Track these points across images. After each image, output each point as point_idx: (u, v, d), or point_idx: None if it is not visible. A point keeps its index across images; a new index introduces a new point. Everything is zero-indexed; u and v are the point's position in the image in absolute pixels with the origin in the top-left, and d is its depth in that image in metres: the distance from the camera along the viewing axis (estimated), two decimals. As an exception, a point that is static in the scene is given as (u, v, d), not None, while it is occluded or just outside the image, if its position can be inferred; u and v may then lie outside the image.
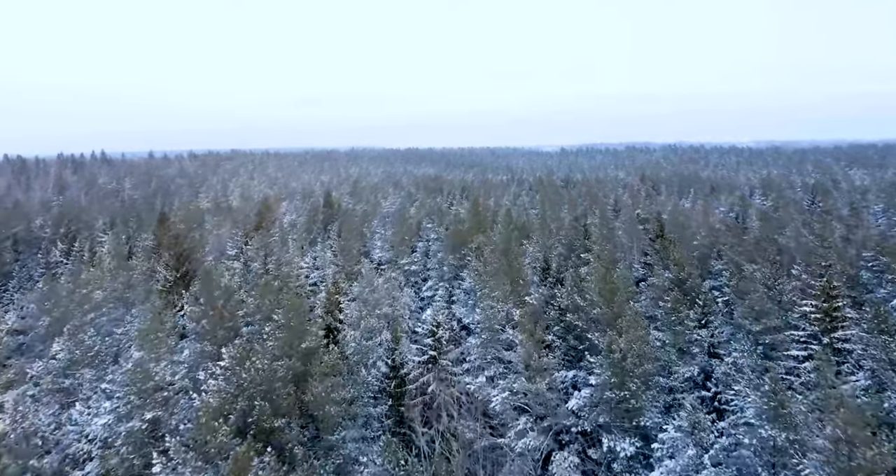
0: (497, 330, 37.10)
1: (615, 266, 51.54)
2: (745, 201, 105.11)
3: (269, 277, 47.57)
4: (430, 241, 67.73)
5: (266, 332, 30.08)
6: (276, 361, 28.33)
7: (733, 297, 48.32)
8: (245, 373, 25.51)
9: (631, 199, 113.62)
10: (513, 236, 67.07)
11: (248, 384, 25.33)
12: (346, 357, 33.81)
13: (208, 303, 36.66)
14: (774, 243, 66.42)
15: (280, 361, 28.31)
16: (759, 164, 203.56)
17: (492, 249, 42.53)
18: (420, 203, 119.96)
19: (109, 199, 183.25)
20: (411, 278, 60.27)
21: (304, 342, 29.25)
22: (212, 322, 33.50)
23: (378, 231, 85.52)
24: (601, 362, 30.17)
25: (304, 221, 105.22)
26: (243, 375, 25.48)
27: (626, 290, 36.11)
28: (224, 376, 26.08)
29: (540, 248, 55.22)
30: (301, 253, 70.86)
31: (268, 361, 26.87)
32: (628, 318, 31.61)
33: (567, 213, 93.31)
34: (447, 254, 55.70)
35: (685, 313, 38.12)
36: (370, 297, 45.96)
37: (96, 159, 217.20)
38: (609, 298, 34.56)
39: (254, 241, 69.18)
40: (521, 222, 69.91)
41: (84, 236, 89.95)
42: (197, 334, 35.14)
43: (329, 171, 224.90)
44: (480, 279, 41.74)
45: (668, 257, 48.47)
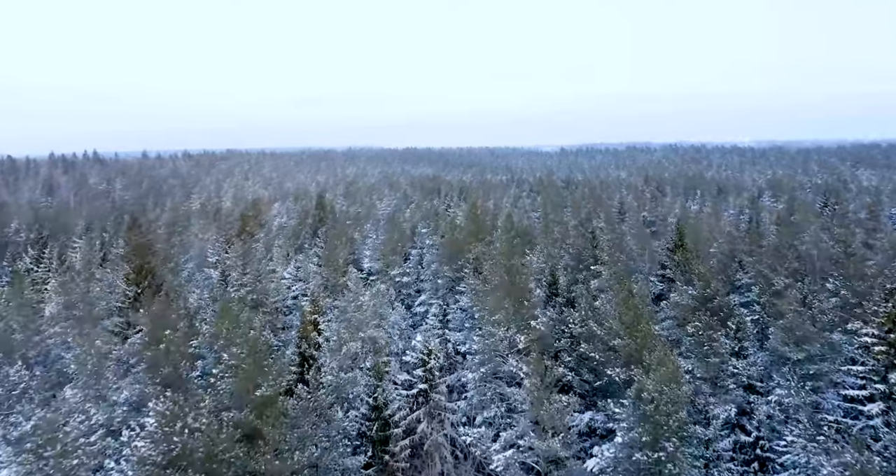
0: (498, 361, 31.20)
1: (629, 279, 45.68)
2: (756, 204, 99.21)
3: (233, 296, 41.57)
4: (425, 249, 61.86)
5: (216, 373, 24.18)
6: (223, 412, 22.44)
7: (764, 316, 42.56)
8: (178, 436, 19.63)
9: (636, 201, 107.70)
10: (514, 244, 61.19)
11: (181, 451, 19.45)
12: (317, 396, 27.89)
13: (156, 329, 30.72)
14: (793, 250, 60.67)
15: (229, 412, 22.42)
16: (764, 164, 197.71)
17: (492, 264, 36.62)
18: (416, 205, 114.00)
19: (99, 199, 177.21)
20: (403, 290, 54.35)
21: (262, 387, 23.33)
22: (157, 355, 27.59)
23: (371, 235, 79.54)
24: (627, 412, 24.29)
25: (294, 225, 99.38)
26: (175, 439, 19.59)
27: (646, 310, 30.22)
28: (152, 438, 20.19)
29: (545, 259, 49.33)
30: (285, 261, 64.93)
31: (210, 417, 20.95)
32: (657, 355, 25.71)
33: (570, 217, 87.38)
34: (442, 264, 49.82)
35: (716, 338, 32.30)
36: (354, 316, 40.05)
37: (88, 159, 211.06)
38: (631, 326, 28.67)
39: (233, 247, 63.23)
40: (523, 227, 64.05)
41: (59, 242, 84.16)
42: (140, 370, 29.26)
43: (325, 171, 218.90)
44: (479, 299, 35.82)
45: (689, 270, 42.65)
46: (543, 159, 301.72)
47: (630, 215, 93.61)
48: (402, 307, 52.40)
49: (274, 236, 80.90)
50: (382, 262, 54.68)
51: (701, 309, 39.24)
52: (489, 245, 55.37)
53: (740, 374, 31.50)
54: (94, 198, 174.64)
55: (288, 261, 64.58)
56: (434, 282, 50.00)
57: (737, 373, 31.38)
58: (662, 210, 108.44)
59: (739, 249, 62.71)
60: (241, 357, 23.68)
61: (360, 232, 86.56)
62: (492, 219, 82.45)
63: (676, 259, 43.87)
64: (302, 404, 24.50)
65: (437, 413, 33.44)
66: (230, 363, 23.81)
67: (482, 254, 47.63)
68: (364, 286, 55.05)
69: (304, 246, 68.19)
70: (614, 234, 72.72)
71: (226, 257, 63.20)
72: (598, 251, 54.21)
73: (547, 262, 49.33)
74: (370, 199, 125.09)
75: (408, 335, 45.59)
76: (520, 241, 61.34)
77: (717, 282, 39.18)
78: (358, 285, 46.99)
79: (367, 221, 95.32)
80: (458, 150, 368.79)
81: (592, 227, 75.39)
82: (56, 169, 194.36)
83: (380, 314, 43.74)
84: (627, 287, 30.43)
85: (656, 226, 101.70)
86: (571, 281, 44.81)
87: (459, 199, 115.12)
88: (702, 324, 32.36)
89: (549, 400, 25.63)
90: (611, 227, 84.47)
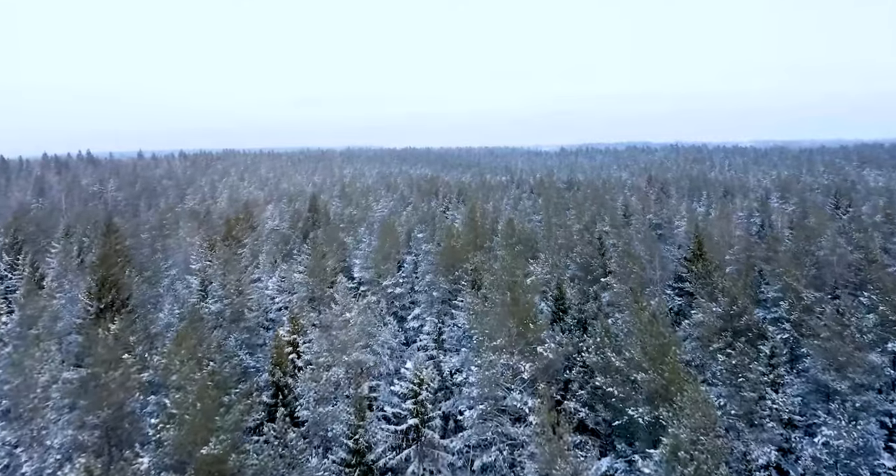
0: (500, 396, 26.68)
1: (643, 292, 41.15)
2: (766, 206, 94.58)
3: (204, 312, 36.97)
4: (420, 256, 57.34)
5: (155, 424, 19.64)
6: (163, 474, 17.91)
7: (795, 335, 38.04)
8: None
9: (641, 203, 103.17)
10: (516, 251, 56.69)
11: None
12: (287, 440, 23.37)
13: (108, 356, 26.19)
14: (811, 256, 56.20)
15: (168, 475, 17.89)
16: (767, 164, 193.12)
17: (491, 280, 32.06)
18: (413, 207, 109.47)
19: (92, 201, 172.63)
20: (396, 302, 49.80)
21: (209, 443, 18.78)
22: (93, 393, 23.03)
23: (364, 240, 75.05)
24: (657, 471, 19.77)
25: (286, 228, 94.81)
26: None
27: (672, 338, 25.68)
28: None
29: (549, 269, 44.78)
30: (272, 268, 60.34)
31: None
32: (689, 396, 21.19)
33: (574, 220, 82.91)
34: (438, 275, 45.28)
35: (752, 369, 27.78)
36: (339, 335, 35.52)
37: (82, 159, 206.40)
38: (656, 358, 24.17)
39: (216, 253, 58.67)
40: (525, 233, 59.48)
41: (37, 247, 79.59)
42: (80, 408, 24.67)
43: (323, 171, 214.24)
44: (477, 320, 31.23)
45: (711, 283, 38.14)
46: (543, 159, 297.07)
47: (636, 218, 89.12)
48: (395, 321, 47.90)
49: (263, 241, 76.30)
50: (374, 271, 50.11)
51: (727, 329, 34.81)
52: (488, 253, 50.86)
53: (780, 410, 27.01)
54: (85, 199, 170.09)
55: (275, 268, 60.05)
56: (429, 294, 45.48)
57: (776, 408, 26.90)
58: (668, 212, 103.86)
59: (757, 256, 58.26)
60: (185, 405, 19.14)
61: (354, 236, 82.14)
62: (491, 223, 77.96)
63: (696, 271, 39.31)
64: (262, 460, 19.92)
65: (430, 452, 28.94)
66: (172, 411, 19.29)
67: (481, 265, 43.13)
68: (354, 297, 50.60)
69: (293, 252, 63.62)
70: (621, 238, 68.28)
71: (207, 265, 58.71)
72: (606, 260, 49.75)
73: (552, 273, 44.81)
74: (366, 200, 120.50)
75: (399, 354, 41.10)
76: (522, 247, 56.87)
77: (745, 299, 34.63)
78: (346, 297, 42.50)
79: (362, 224, 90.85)
80: (457, 150, 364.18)
81: (598, 232, 70.95)
82: (49, 170, 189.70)
83: (368, 333, 39.25)
84: (649, 311, 25.87)
85: (662, 229, 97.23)
86: (580, 296, 40.30)
87: (458, 201, 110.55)
88: (736, 351, 27.83)
89: (560, 443, 21.10)
90: (616, 231, 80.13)
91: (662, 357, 24.02)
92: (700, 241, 42.09)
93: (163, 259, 70.60)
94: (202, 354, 24.86)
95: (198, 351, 25.01)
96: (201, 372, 23.69)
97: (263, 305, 49.78)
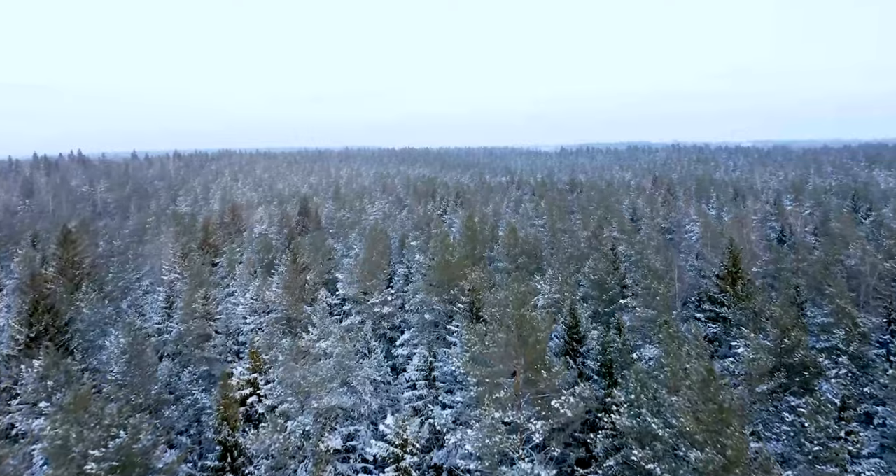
0: (503, 471, 20.27)
1: (669, 314, 34.74)
2: (781, 209, 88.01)
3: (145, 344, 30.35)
4: (413, 267, 50.98)
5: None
6: None
7: (854, 370, 31.70)
8: None
9: (649, 206, 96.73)
10: (521, 275, 50.31)
11: None
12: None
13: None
14: (839, 265, 49.92)
15: None
16: (773, 164, 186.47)
17: (493, 313, 25.57)
18: (409, 210, 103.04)
19: (81, 202, 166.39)
20: (384, 322, 43.36)
21: None
22: None
23: (355, 246, 68.64)
24: None
25: (274, 233, 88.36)
26: None
27: (734, 404, 19.24)
28: None
29: (557, 288, 38.32)
30: (249, 281, 53.85)
31: None
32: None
33: (580, 225, 76.61)
34: (431, 294, 38.86)
35: (833, 433, 21.44)
36: (309, 376, 29.06)
37: (74, 159, 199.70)
38: (714, 429, 17.79)
39: (187, 264, 52.31)
40: (528, 243, 53.05)
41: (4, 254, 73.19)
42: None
43: (319, 172, 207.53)
44: (475, 366, 24.70)
45: (750, 306, 31.78)
46: (543, 159, 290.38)
47: (645, 223, 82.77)
48: (383, 344, 41.50)
49: (245, 248, 69.78)
50: (359, 287, 43.65)
51: (779, 367, 28.46)
52: (487, 267, 44.46)
53: None
54: (74, 201, 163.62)
55: (253, 281, 53.59)
56: (420, 316, 39.04)
57: None
58: (677, 215, 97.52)
59: (785, 268, 51.91)
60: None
61: (345, 242, 75.70)
62: (491, 228, 71.58)
63: (736, 293, 32.84)
64: None
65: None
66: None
67: (480, 283, 36.75)
68: (335, 317, 44.19)
69: (276, 262, 57.07)
70: (633, 247, 62.03)
71: (176, 278, 52.34)
72: (622, 275, 43.36)
73: (561, 291, 38.37)
74: (360, 202, 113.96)
75: (385, 389, 34.68)
76: (525, 259, 50.53)
77: (799, 330, 28.21)
78: (325, 320, 36.17)
79: (355, 228, 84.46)
80: (455, 150, 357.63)
81: (609, 240, 64.63)
82: (38, 170, 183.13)
83: (347, 367, 32.87)
84: (701, 368, 19.38)
85: (672, 233, 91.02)
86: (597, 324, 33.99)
87: (456, 204, 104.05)
88: (810, 408, 21.43)
89: None
90: (627, 238, 73.79)
91: (723, 429, 17.63)
92: (736, 256, 35.62)
93: (134, 269, 64.17)
94: (112, 422, 18.38)
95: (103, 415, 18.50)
96: (105, 448, 17.31)
97: (234, 327, 43.40)
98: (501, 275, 52.15)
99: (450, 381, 32.68)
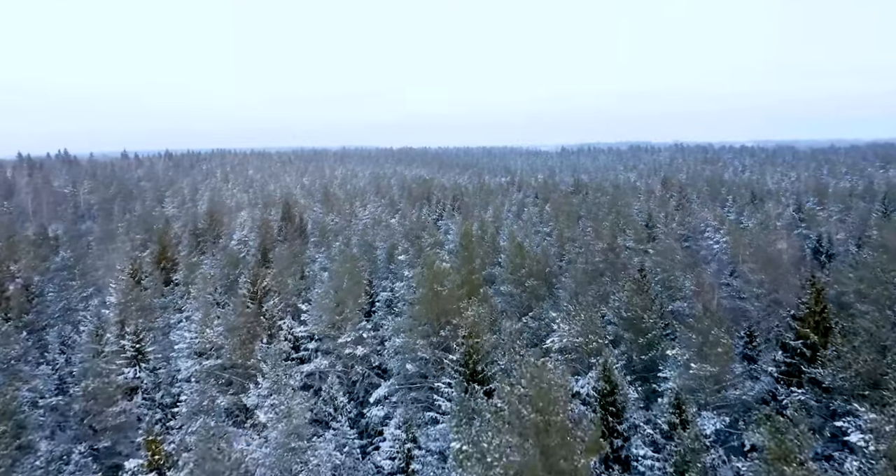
0: None
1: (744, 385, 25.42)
2: (812, 215, 78.37)
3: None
4: (400, 291, 41.59)
5: None
6: None
7: None
8: None
9: (662, 211, 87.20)
10: (526, 288, 40.85)
11: None
12: None
13: None
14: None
15: None
16: (783, 165, 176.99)
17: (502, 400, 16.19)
18: (402, 214, 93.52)
19: (63, 204, 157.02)
20: (358, 367, 33.88)
21: None
22: None
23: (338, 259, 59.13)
24: None
25: (254, 240, 78.83)
26: None
27: None
28: None
29: (579, 331, 28.82)
30: (208, 308, 44.07)
31: None
32: None
33: (590, 233, 67.06)
34: (415, 336, 29.47)
35: None
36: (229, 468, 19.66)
37: (60, 159, 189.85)
38: None
39: (124, 287, 42.83)
40: (536, 260, 43.46)
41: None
42: None
43: (314, 172, 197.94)
44: (470, 463, 15.43)
45: (856, 367, 22.46)
46: (543, 159, 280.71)
47: (661, 230, 73.27)
48: (353, 400, 32.15)
49: (216, 260, 60.22)
50: (327, 321, 34.08)
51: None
52: (486, 296, 34.97)
53: None
54: (55, 202, 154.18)
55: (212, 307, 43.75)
56: (401, 364, 29.60)
57: None
58: (693, 221, 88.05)
59: (851, 291, 42.42)
60: None
61: (328, 252, 66.14)
62: (492, 239, 62.15)
63: (839, 348, 23.31)
64: None
65: None
66: None
67: (477, 326, 27.34)
68: (296, 359, 34.73)
69: (239, 281, 47.18)
70: (658, 263, 52.72)
71: (114, 304, 42.77)
72: (658, 306, 33.85)
73: (585, 334, 28.91)
74: (350, 206, 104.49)
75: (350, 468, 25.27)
76: (535, 282, 41.03)
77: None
78: (277, 368, 26.86)
79: (342, 235, 75.01)
80: (454, 149, 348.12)
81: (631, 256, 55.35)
82: (21, 170, 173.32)
83: (299, 434, 23.57)
84: None
85: (689, 241, 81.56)
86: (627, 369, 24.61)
87: (453, 209, 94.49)
88: None
89: None
90: (642, 245, 64.50)
91: None
92: (819, 291, 26.20)
93: (80, 287, 54.64)
94: None
95: None
96: None
97: (167, 374, 33.92)
98: (505, 299, 42.83)
99: (435, 465, 23.31)
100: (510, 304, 42.19)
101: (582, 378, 28.21)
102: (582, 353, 29.08)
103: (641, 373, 29.67)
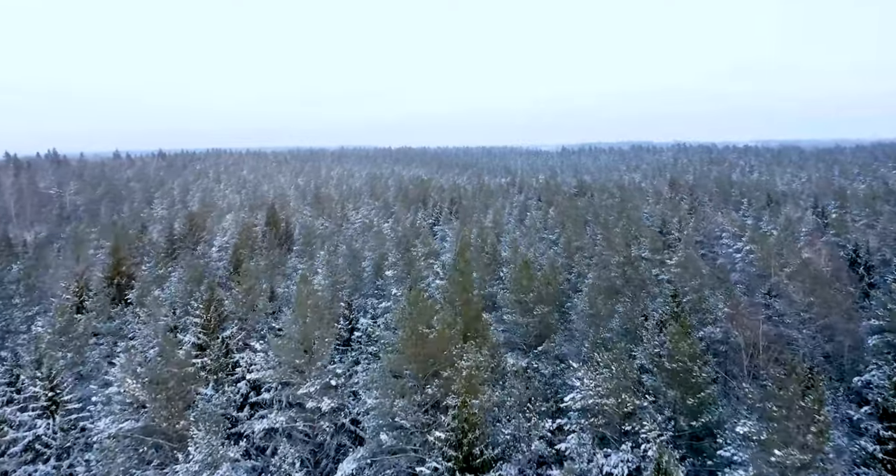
0: None
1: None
2: (842, 223, 70.98)
3: None
4: (382, 318, 34.42)
5: None
6: None
7: None
8: None
9: (675, 216, 79.80)
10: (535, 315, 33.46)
11: None
12: None
13: None
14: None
15: None
16: (791, 165, 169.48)
17: None
18: (395, 219, 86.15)
19: (48, 205, 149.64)
20: (325, 424, 26.56)
21: None
22: None
23: (321, 270, 51.88)
24: None
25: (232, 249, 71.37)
26: None
27: None
28: None
29: (609, 389, 21.49)
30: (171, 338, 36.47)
31: None
32: None
33: (600, 241, 59.79)
34: (394, 395, 22.23)
35: None
36: None
37: (49, 159, 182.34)
38: None
39: (59, 311, 35.56)
40: (545, 282, 35.97)
41: None
42: None
43: (309, 172, 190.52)
44: None
45: None
46: (544, 159, 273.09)
47: (682, 239, 65.96)
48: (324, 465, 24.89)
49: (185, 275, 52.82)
50: (285, 365, 26.75)
51: None
52: (485, 343, 27.49)
53: None
54: (40, 203, 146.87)
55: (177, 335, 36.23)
56: (375, 427, 22.33)
57: None
58: (708, 226, 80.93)
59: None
60: None
61: (310, 263, 58.77)
62: (492, 249, 54.82)
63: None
64: None
65: None
66: None
67: (473, 381, 20.14)
68: (246, 415, 27.35)
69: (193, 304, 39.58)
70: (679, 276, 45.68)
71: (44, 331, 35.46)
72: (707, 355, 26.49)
73: (615, 393, 21.63)
74: (343, 209, 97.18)
75: None
76: (544, 307, 33.63)
77: None
78: (211, 440, 19.77)
79: (329, 241, 67.77)
80: (453, 149, 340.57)
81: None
82: (7, 170, 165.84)
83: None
84: None
85: (704, 247, 74.47)
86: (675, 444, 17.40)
87: (450, 213, 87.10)
88: None
89: None
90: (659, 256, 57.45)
91: None
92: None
93: (25, 304, 47.33)
94: None
95: None
96: None
97: (80, 437, 26.57)
98: (508, 327, 35.56)
99: None
100: (515, 332, 34.99)
101: (613, 451, 20.96)
102: (612, 416, 21.83)
103: (689, 440, 22.41)
